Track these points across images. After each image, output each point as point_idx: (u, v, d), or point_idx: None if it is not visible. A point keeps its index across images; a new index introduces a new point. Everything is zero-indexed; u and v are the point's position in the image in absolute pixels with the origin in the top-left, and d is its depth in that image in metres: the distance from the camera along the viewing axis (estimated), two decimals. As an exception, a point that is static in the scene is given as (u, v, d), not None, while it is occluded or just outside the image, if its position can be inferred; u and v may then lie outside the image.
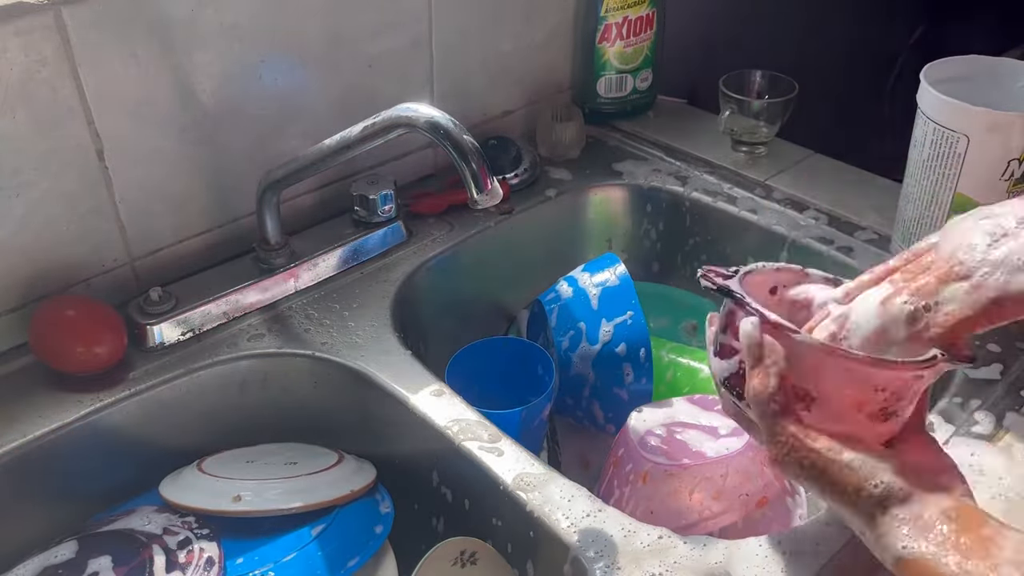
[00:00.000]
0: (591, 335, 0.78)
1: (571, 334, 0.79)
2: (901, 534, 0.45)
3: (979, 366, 0.71)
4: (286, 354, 0.75)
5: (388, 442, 0.75)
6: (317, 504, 0.67)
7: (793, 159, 1.00)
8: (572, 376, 0.79)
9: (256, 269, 0.80)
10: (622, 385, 0.77)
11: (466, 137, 0.62)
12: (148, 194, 0.77)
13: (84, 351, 0.69)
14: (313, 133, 0.83)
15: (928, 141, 0.75)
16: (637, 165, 1.01)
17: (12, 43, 0.64)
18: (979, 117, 0.71)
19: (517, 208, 0.94)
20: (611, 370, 0.78)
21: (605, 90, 1.07)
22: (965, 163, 0.74)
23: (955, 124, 0.73)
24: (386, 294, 0.81)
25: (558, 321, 0.81)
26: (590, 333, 0.78)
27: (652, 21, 1.04)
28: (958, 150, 0.73)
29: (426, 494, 0.74)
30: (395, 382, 0.71)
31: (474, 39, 0.95)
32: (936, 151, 0.75)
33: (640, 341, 0.77)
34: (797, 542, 0.57)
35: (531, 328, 0.89)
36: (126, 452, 0.70)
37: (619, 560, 0.56)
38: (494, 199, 0.63)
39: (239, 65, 0.77)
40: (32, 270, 0.72)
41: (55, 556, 0.62)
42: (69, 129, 0.70)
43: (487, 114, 1.02)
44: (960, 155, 0.73)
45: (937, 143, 0.75)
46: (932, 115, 0.74)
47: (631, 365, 0.77)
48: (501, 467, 0.63)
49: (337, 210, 0.89)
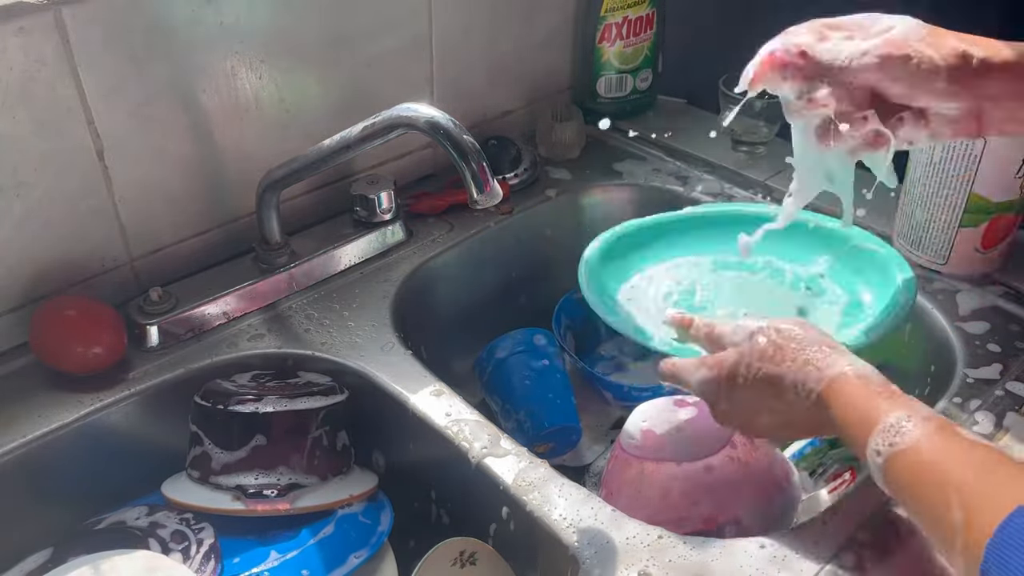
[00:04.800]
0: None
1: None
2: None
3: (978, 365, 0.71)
4: (286, 354, 0.75)
5: (387, 442, 0.75)
6: (317, 507, 0.67)
7: (793, 159, 1.00)
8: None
9: (256, 269, 0.80)
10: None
11: (466, 137, 0.62)
12: (148, 194, 0.77)
13: (84, 351, 0.69)
14: (313, 133, 0.83)
15: (939, 144, 0.75)
16: (637, 165, 1.01)
17: (12, 43, 0.64)
18: None
19: (517, 208, 0.94)
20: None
21: (605, 90, 1.07)
22: (981, 164, 0.73)
23: None
24: (386, 294, 0.81)
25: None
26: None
27: (652, 21, 1.04)
28: (974, 152, 0.73)
29: (426, 494, 0.74)
30: (395, 382, 0.71)
31: (474, 39, 0.95)
32: (949, 154, 0.75)
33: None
34: (797, 542, 0.57)
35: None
36: (126, 452, 0.70)
37: (618, 560, 0.56)
38: (494, 199, 0.63)
39: (239, 65, 0.77)
40: (32, 270, 0.72)
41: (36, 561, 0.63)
42: (69, 129, 0.70)
43: (487, 114, 1.02)
44: (976, 156, 0.73)
45: (950, 145, 0.74)
46: None
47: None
48: (501, 467, 0.63)
49: (337, 210, 0.89)
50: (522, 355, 0.86)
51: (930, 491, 0.45)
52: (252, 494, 0.66)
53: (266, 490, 0.66)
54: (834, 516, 0.59)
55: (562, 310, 0.92)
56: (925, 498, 0.45)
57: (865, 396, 0.51)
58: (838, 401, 0.52)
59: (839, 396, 0.52)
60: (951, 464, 0.45)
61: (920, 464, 0.46)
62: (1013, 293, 0.78)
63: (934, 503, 0.44)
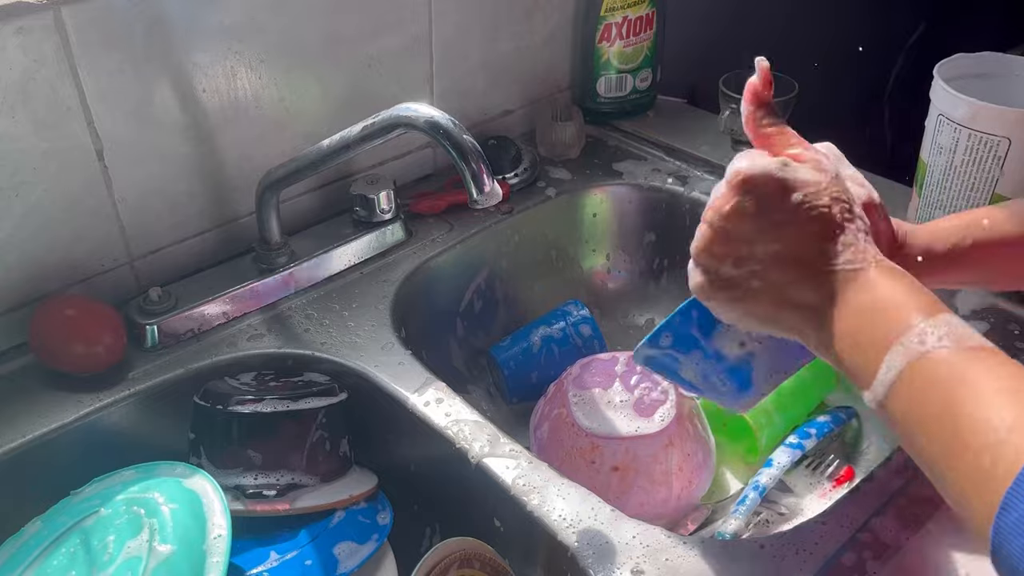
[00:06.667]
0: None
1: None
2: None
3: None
4: (286, 354, 0.75)
5: (387, 442, 0.75)
6: (317, 507, 0.67)
7: (793, 159, 1.00)
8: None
9: (256, 269, 0.80)
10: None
11: (466, 137, 0.62)
12: (148, 194, 0.77)
13: (84, 351, 0.69)
14: (313, 133, 0.83)
15: (961, 147, 0.75)
16: (637, 165, 1.01)
17: (12, 43, 0.64)
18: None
19: (517, 208, 0.94)
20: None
21: (605, 90, 1.07)
22: (1005, 165, 0.73)
23: (997, 128, 0.72)
24: (386, 294, 0.81)
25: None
26: None
27: (652, 21, 1.04)
28: (998, 153, 0.73)
29: (426, 494, 0.74)
30: (395, 382, 0.71)
31: (474, 38, 0.95)
32: (972, 156, 0.74)
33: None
34: (797, 542, 0.57)
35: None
36: (126, 452, 0.70)
37: (617, 560, 0.56)
38: (494, 199, 0.63)
39: (239, 65, 0.77)
40: (32, 270, 0.72)
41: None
42: (69, 129, 0.70)
43: (487, 114, 1.02)
44: (1000, 158, 0.73)
45: (973, 148, 0.74)
46: (965, 121, 0.73)
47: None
48: (501, 468, 0.63)
49: (337, 210, 0.89)
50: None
51: (949, 412, 0.38)
52: (251, 494, 0.66)
53: (265, 490, 0.66)
54: (834, 516, 0.59)
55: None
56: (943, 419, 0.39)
57: (907, 291, 0.44)
58: (881, 284, 0.44)
59: (883, 280, 0.44)
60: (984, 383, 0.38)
61: (950, 377, 0.39)
62: (1013, 293, 0.78)
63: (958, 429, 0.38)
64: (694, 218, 0.95)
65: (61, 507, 0.64)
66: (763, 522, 0.74)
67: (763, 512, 0.75)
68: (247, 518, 0.65)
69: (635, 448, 0.71)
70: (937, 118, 0.77)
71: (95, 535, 0.59)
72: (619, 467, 0.71)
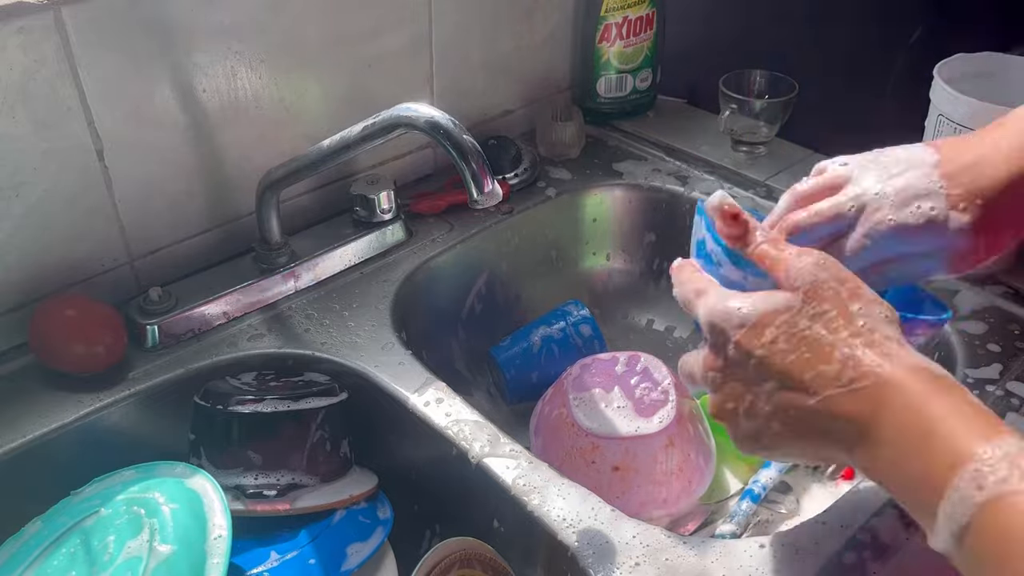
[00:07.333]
0: None
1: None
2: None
3: (978, 365, 0.71)
4: (286, 354, 0.75)
5: (387, 442, 0.75)
6: (317, 507, 0.67)
7: (793, 159, 1.00)
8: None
9: (256, 269, 0.80)
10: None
11: (466, 137, 0.62)
12: (148, 194, 0.77)
13: (84, 351, 0.69)
14: (313, 133, 0.83)
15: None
16: (637, 165, 1.01)
17: (12, 43, 0.64)
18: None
19: (517, 208, 0.94)
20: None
21: (605, 90, 1.07)
22: None
23: None
24: (386, 294, 0.81)
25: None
26: None
27: (652, 21, 1.04)
28: None
29: (426, 494, 0.74)
30: (395, 382, 0.71)
31: (474, 38, 0.95)
32: None
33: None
34: (797, 542, 0.57)
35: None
36: (126, 452, 0.70)
37: (617, 560, 0.56)
38: (494, 199, 0.63)
39: (239, 65, 0.77)
40: (32, 270, 0.72)
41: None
42: (69, 129, 0.70)
43: (487, 114, 1.02)
44: None
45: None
46: (965, 121, 0.73)
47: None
48: (501, 468, 0.63)
49: (337, 210, 0.89)
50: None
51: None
52: (252, 494, 0.66)
53: (266, 490, 0.66)
54: (834, 516, 0.59)
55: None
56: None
57: (942, 411, 0.38)
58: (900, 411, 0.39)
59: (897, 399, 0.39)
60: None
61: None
62: (1013, 293, 0.78)
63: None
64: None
65: (61, 507, 0.64)
66: (763, 522, 0.74)
67: (763, 512, 0.75)
68: (247, 518, 0.65)
69: (635, 448, 0.71)
70: (937, 118, 0.77)
71: (95, 535, 0.59)
72: (619, 467, 0.71)
